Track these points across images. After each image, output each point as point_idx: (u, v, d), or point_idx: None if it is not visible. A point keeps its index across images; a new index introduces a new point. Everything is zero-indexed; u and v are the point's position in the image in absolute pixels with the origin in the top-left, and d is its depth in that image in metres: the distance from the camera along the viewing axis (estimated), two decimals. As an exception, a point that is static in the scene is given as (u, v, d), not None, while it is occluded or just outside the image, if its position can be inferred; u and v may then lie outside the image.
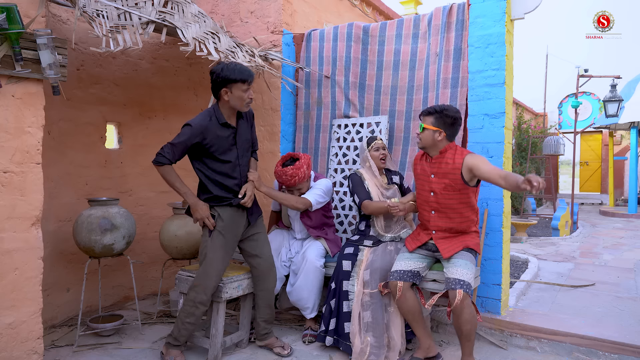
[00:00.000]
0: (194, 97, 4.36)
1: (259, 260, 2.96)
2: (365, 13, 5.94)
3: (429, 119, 2.72)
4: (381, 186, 3.17)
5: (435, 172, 2.74)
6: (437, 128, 2.69)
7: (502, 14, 3.14)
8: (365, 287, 2.87)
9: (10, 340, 2.35)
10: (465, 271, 2.55)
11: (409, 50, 3.63)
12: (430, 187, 2.77)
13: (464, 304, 2.46)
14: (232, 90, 2.63)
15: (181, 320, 2.76)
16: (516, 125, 11.89)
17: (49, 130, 3.33)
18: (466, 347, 2.58)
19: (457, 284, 2.50)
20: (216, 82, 2.63)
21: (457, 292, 2.46)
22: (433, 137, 2.70)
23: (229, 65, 2.63)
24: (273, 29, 4.07)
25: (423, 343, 2.75)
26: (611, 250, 6.63)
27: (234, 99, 2.65)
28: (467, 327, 2.51)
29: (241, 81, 2.61)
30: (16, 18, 2.22)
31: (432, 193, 2.76)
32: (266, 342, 3.02)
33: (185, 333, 2.77)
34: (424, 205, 2.83)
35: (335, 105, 3.92)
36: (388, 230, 3.14)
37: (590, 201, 14.50)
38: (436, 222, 2.77)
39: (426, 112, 2.75)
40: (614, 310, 3.77)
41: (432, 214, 2.78)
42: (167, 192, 4.23)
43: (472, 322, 2.52)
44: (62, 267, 3.52)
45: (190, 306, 2.73)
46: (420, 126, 2.76)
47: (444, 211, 2.74)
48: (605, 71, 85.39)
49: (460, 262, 2.61)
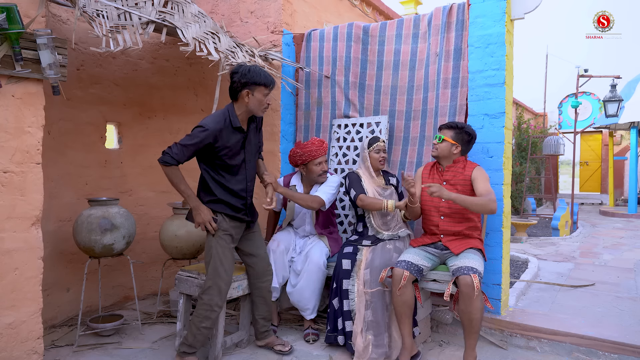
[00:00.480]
0: (194, 97, 4.36)
1: (256, 259, 2.96)
2: (365, 13, 5.94)
3: (449, 133, 2.91)
4: (378, 186, 3.18)
5: (448, 180, 2.92)
6: (455, 142, 2.90)
7: (502, 14, 3.14)
8: (365, 287, 2.87)
9: (10, 340, 2.35)
10: (475, 262, 2.61)
11: (409, 50, 3.63)
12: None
13: (477, 290, 2.47)
14: (255, 92, 2.61)
15: (196, 326, 2.65)
16: (516, 125, 11.90)
17: (49, 130, 3.34)
18: (472, 339, 2.57)
19: (469, 270, 2.54)
20: (239, 82, 2.59)
21: (472, 276, 2.48)
22: (450, 150, 2.91)
23: (254, 68, 2.61)
24: (273, 29, 4.07)
25: (407, 343, 2.75)
26: (611, 250, 6.64)
27: (254, 102, 2.63)
28: (477, 316, 2.51)
29: (264, 85, 2.61)
30: (16, 18, 2.22)
31: (444, 199, 2.83)
32: (266, 341, 3.02)
33: (201, 338, 2.68)
34: (433, 211, 2.94)
35: (335, 105, 3.92)
36: (386, 228, 3.14)
37: (590, 201, 14.50)
38: (445, 227, 2.89)
39: (447, 125, 2.94)
40: (614, 310, 3.77)
41: (442, 219, 2.90)
42: (167, 192, 4.23)
43: (482, 311, 2.54)
44: (62, 267, 3.52)
45: (205, 310, 2.64)
46: (437, 137, 2.93)
47: (454, 216, 2.87)
48: (605, 71, 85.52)
49: (471, 255, 2.70)
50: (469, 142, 2.95)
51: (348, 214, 3.76)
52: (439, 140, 2.92)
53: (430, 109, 3.44)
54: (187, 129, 4.28)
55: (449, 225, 2.88)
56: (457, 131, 2.91)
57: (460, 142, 2.91)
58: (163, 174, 2.64)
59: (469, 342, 2.60)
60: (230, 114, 2.64)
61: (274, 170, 4.06)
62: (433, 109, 3.42)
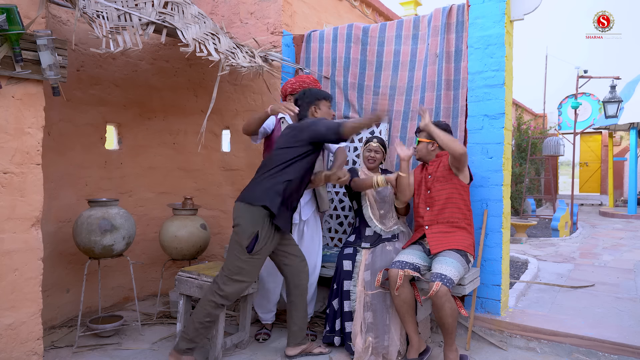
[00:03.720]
0: (194, 97, 4.36)
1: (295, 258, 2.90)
2: (365, 14, 5.95)
3: (423, 134, 3.05)
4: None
5: (432, 173, 3.02)
6: (430, 140, 3.01)
7: (502, 15, 3.15)
8: (366, 288, 2.88)
9: (10, 341, 2.35)
10: (449, 268, 2.66)
11: (409, 50, 3.63)
12: (427, 186, 3.02)
13: (443, 298, 2.55)
14: (320, 106, 2.88)
15: (199, 321, 2.62)
16: (516, 126, 11.90)
17: (48, 131, 3.33)
18: (448, 338, 2.69)
19: (437, 277, 2.60)
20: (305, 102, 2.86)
21: (435, 284, 2.56)
22: (427, 148, 3.04)
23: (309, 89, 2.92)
24: (273, 30, 4.07)
25: (413, 340, 2.79)
26: (611, 251, 6.64)
27: (323, 114, 2.88)
28: (449, 321, 2.61)
29: (324, 99, 2.91)
30: (16, 19, 2.22)
31: (429, 191, 2.99)
32: (303, 347, 2.91)
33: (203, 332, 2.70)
34: (421, 204, 3.02)
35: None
36: (381, 222, 3.14)
37: (590, 202, 14.50)
38: (430, 217, 2.95)
39: (418, 129, 3.10)
40: (614, 311, 3.77)
41: (427, 210, 2.97)
42: (167, 193, 4.23)
43: (453, 316, 2.62)
44: (61, 268, 3.52)
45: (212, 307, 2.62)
46: (416, 141, 3.08)
47: (437, 204, 2.94)
48: (605, 71, 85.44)
49: (447, 260, 2.72)
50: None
51: (348, 215, 3.76)
52: (417, 143, 3.07)
53: (429, 110, 3.44)
54: (187, 129, 4.32)
55: (433, 215, 2.93)
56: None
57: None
58: (163, 175, 2.66)
59: (445, 340, 2.72)
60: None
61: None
62: (432, 109, 3.42)
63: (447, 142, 2.81)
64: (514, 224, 7.57)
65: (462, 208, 2.92)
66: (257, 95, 4.14)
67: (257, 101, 4.14)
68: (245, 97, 4.21)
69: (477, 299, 3.27)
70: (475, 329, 3.20)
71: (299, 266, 2.88)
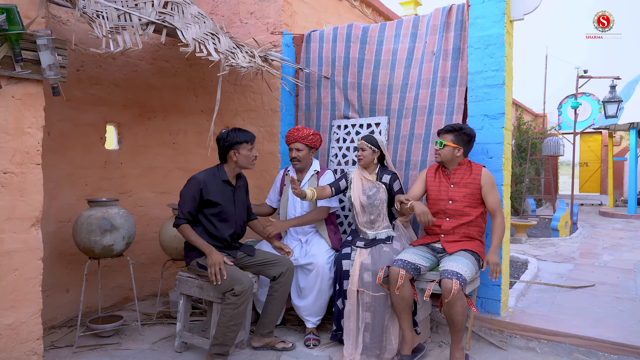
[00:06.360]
0: (194, 97, 4.36)
1: (267, 266, 3.05)
2: (365, 14, 5.95)
3: (449, 137, 2.91)
4: (367, 181, 3.17)
5: (456, 183, 2.92)
6: (457, 145, 2.89)
7: (502, 15, 3.15)
8: (367, 289, 2.88)
9: (9, 341, 2.35)
10: (463, 267, 2.64)
11: (406, 48, 3.61)
12: (449, 196, 2.92)
13: (457, 295, 2.52)
14: (240, 150, 2.92)
15: (225, 325, 2.74)
16: (516, 126, 11.90)
17: (48, 131, 3.33)
18: (456, 336, 2.68)
19: (452, 275, 2.57)
20: (224, 146, 2.90)
21: (453, 281, 2.53)
22: (452, 153, 2.91)
23: (232, 131, 2.93)
24: (273, 29, 4.08)
25: (407, 337, 2.79)
26: (611, 251, 6.64)
27: (242, 158, 2.93)
28: (459, 319, 2.61)
29: (245, 142, 2.92)
30: (16, 19, 2.22)
31: (451, 201, 2.91)
32: (266, 341, 3.04)
33: (232, 336, 2.78)
34: (440, 215, 2.95)
35: (335, 106, 3.92)
36: (369, 227, 3.15)
37: (590, 202, 14.51)
38: (448, 228, 2.90)
39: (446, 129, 2.93)
40: (614, 311, 3.77)
41: (447, 220, 2.92)
42: (167, 193, 4.23)
43: (464, 314, 2.61)
44: (61, 268, 3.52)
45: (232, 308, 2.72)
46: (438, 142, 2.92)
47: (459, 217, 2.88)
48: (605, 71, 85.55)
49: (461, 259, 2.70)
50: (469, 142, 2.94)
51: (348, 215, 3.76)
52: (441, 145, 2.90)
53: (422, 107, 3.42)
54: (187, 129, 4.32)
55: (453, 226, 2.89)
56: (456, 134, 2.90)
57: (461, 143, 2.91)
58: (163, 175, 2.68)
59: (453, 338, 2.70)
60: (219, 170, 2.96)
61: (273, 169, 4.06)
62: (426, 106, 3.41)
63: (501, 231, 2.86)
64: (514, 224, 7.57)
65: (481, 222, 2.93)
66: (257, 95, 4.14)
67: (257, 101, 4.14)
68: (245, 97, 4.21)
69: (477, 299, 3.27)
70: (475, 328, 3.20)
71: (280, 268, 3.03)
